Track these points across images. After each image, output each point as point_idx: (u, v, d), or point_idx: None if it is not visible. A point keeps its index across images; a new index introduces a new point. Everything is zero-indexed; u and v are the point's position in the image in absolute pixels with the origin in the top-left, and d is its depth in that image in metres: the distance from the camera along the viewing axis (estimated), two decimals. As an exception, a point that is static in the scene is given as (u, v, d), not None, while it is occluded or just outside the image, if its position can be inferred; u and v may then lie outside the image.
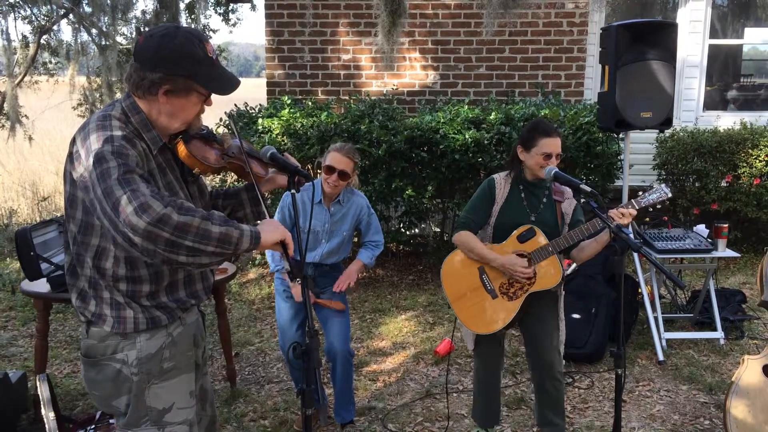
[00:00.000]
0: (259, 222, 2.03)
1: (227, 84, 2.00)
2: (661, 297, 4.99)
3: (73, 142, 1.92)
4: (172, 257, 1.77)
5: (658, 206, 3.07)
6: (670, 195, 3.04)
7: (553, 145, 3.06)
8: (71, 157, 1.91)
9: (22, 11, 9.41)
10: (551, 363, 3.20)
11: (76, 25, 8.48)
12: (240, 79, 2.05)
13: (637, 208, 2.92)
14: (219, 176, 6.38)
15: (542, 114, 5.99)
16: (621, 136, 5.12)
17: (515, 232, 3.11)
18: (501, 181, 3.21)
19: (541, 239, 3.06)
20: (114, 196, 1.74)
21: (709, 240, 4.67)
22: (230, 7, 13.15)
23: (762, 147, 6.36)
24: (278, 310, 3.64)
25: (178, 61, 1.90)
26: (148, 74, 1.91)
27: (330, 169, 3.39)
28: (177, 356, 2.07)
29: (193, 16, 11.00)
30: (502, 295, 3.14)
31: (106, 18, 8.13)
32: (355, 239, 4.18)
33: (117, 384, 2.00)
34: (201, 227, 1.76)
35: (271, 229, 1.96)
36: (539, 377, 3.26)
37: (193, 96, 1.97)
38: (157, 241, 1.72)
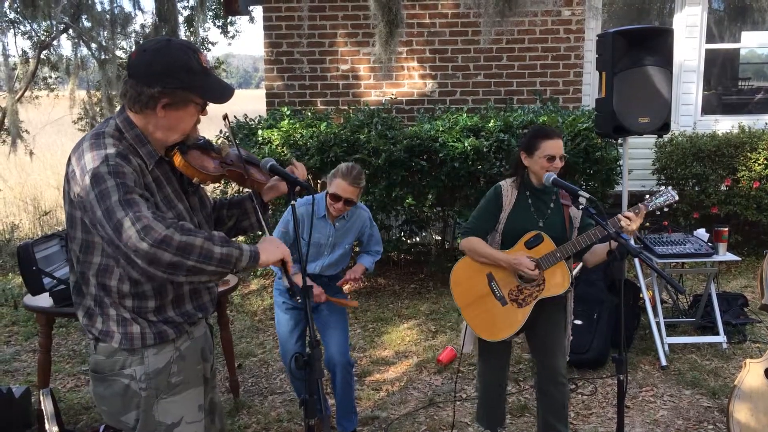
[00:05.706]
0: (261, 238, 2.03)
1: (223, 92, 2.01)
2: (662, 302, 4.99)
3: (69, 162, 1.92)
4: (173, 277, 1.79)
5: (666, 209, 3.08)
6: (677, 198, 3.06)
7: (555, 146, 3.06)
8: (68, 177, 1.92)
9: (21, 27, 9.48)
10: (557, 367, 3.20)
11: (76, 40, 8.54)
12: (238, 90, 2.06)
13: (644, 212, 2.92)
14: (220, 187, 6.39)
15: (541, 121, 6.01)
16: (620, 141, 5.13)
17: (523, 239, 3.10)
18: (508, 187, 3.20)
19: (549, 245, 3.06)
20: (115, 218, 1.75)
21: (710, 244, 4.67)
22: (229, 20, 13.24)
23: (761, 150, 6.37)
24: (278, 321, 3.65)
25: (174, 73, 1.91)
26: (146, 89, 1.91)
27: (336, 197, 3.34)
28: (185, 370, 2.07)
29: (191, 29, 11.07)
30: (511, 302, 3.13)
31: (105, 32, 8.19)
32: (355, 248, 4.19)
33: (125, 399, 2.00)
34: (204, 247, 1.78)
35: (272, 248, 1.96)
36: (544, 381, 3.25)
37: (190, 107, 1.98)
38: (159, 262, 1.74)
